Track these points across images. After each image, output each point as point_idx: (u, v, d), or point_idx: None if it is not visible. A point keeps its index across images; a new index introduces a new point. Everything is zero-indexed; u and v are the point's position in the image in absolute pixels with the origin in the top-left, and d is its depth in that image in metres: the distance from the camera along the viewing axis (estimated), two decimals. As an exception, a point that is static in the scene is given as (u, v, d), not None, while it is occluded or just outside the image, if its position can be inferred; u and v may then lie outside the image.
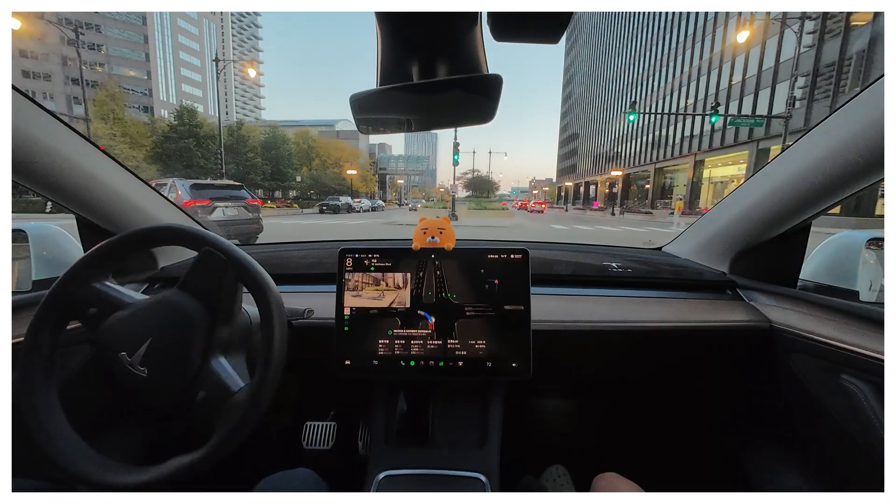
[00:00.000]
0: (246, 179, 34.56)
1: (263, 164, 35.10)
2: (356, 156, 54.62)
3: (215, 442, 0.54)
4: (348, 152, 52.10)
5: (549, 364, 0.89)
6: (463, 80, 0.45)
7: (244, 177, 33.89)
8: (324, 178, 44.06)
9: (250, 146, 34.07)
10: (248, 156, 33.44)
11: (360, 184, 52.93)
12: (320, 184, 43.83)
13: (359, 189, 52.05)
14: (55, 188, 0.78)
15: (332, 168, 47.47)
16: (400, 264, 0.78)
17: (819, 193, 0.78)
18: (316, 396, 1.27)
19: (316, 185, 44.06)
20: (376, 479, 0.76)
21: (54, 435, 0.56)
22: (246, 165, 33.41)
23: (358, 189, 51.26)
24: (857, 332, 0.72)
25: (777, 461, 0.92)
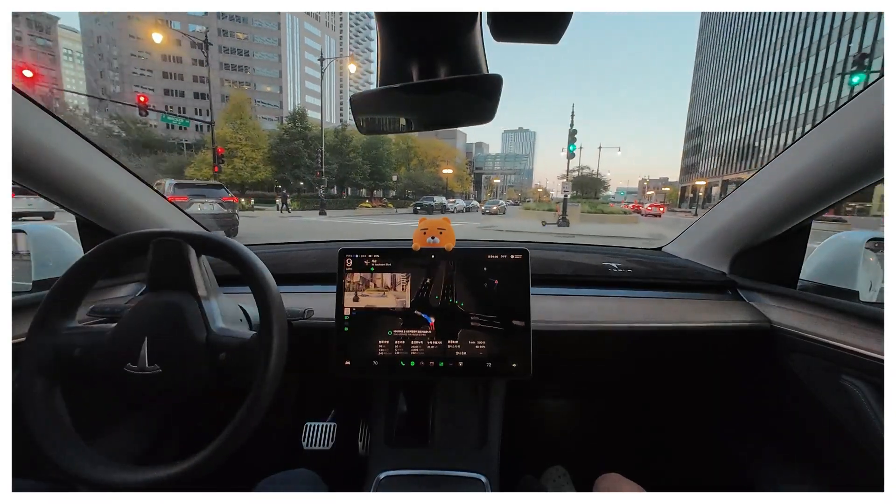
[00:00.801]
0: (347, 179, 35.68)
1: (364, 163, 35.83)
2: (453, 155, 53.69)
3: (217, 442, 0.55)
4: (445, 151, 51.37)
5: (550, 364, 0.88)
6: (463, 80, 0.45)
7: (346, 176, 34.98)
8: (421, 177, 43.77)
9: (352, 146, 34.97)
10: (349, 156, 34.35)
11: (455, 183, 51.73)
12: (417, 183, 43.62)
13: (454, 189, 50.83)
14: (55, 188, 0.78)
15: (429, 167, 47.14)
16: (400, 265, 0.78)
17: (819, 194, 0.78)
18: (316, 396, 1.26)
19: (413, 184, 44.01)
20: (376, 479, 0.77)
21: (55, 436, 0.56)
22: (347, 165, 34.39)
23: (453, 189, 50.05)
24: (858, 333, 0.72)
25: (777, 461, 0.93)
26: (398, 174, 40.89)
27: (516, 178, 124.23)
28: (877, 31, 26.79)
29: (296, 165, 31.42)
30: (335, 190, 39.08)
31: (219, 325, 0.63)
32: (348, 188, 40.01)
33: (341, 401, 1.25)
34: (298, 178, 32.39)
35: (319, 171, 20.97)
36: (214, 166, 19.17)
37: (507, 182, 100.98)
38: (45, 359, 0.59)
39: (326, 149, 30.19)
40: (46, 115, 0.73)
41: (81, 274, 0.63)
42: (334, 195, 37.37)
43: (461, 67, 0.44)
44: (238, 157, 30.09)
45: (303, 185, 33.29)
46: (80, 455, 0.55)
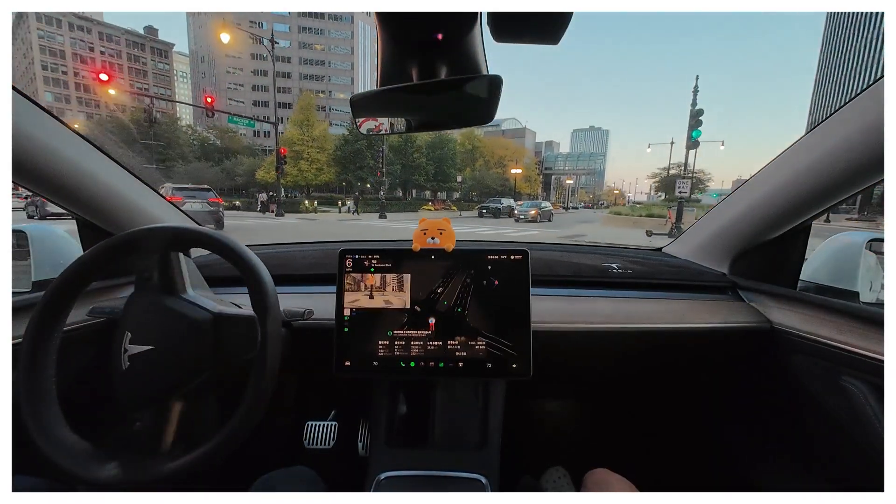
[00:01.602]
0: (410, 181, 34.44)
1: (428, 164, 34.31)
2: (521, 154, 50.26)
3: (215, 442, 0.55)
4: (513, 150, 48.24)
5: (550, 365, 0.87)
6: (463, 80, 0.45)
7: (409, 178, 33.73)
8: (486, 178, 41.15)
9: (416, 146, 33.65)
10: (413, 156, 33.05)
11: (523, 184, 48.17)
12: (482, 185, 41.03)
13: (522, 190, 47.31)
14: (55, 188, 0.78)
15: (495, 168, 44.41)
16: (400, 265, 0.77)
17: (819, 194, 0.77)
18: (316, 397, 1.27)
19: (478, 185, 41.53)
20: (376, 479, 0.77)
21: (55, 434, 0.56)
22: (411, 166, 33.14)
23: (521, 190, 46.56)
24: (858, 333, 0.71)
25: (777, 461, 0.93)
26: (463, 175, 38.73)
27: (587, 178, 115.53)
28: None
29: (359, 167, 30.94)
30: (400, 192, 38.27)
31: (218, 307, 0.65)
32: (412, 190, 38.87)
33: (342, 401, 1.23)
34: (362, 179, 31.92)
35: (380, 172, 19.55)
36: (277, 168, 18.70)
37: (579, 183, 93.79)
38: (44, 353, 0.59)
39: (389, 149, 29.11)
40: (46, 115, 0.73)
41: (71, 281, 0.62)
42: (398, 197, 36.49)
43: (461, 67, 0.44)
44: (304, 158, 30.41)
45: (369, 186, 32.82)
46: (79, 453, 0.55)
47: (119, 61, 75.92)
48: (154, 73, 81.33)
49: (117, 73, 73.30)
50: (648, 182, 35.26)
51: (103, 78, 12.72)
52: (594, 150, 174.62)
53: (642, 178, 57.62)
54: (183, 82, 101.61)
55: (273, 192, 26.64)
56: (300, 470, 0.75)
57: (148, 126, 32.91)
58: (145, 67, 79.72)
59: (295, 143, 29.86)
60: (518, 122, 77.30)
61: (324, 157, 31.12)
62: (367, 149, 30.55)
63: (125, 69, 76.00)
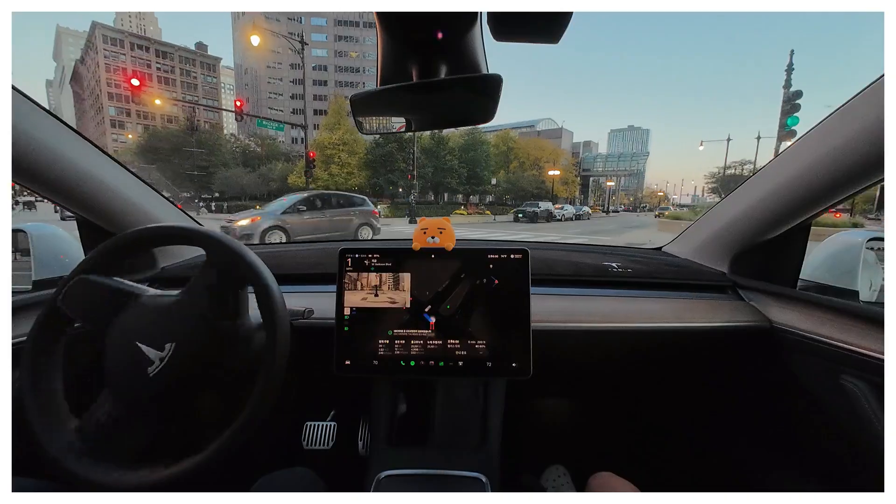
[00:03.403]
0: (442, 184, 33.35)
1: (460, 166, 33.04)
2: (558, 155, 47.77)
3: (219, 443, 0.55)
4: (549, 152, 45.93)
5: (549, 364, 0.88)
6: (463, 79, 0.45)
7: (441, 181, 32.64)
8: (521, 181, 39.34)
9: (449, 148, 32.53)
10: (445, 159, 31.93)
11: (560, 187, 45.81)
12: (517, 187, 39.24)
13: (559, 193, 44.99)
14: (55, 188, 0.79)
15: (530, 170, 42.46)
16: (400, 264, 0.77)
17: (819, 194, 0.78)
18: (316, 396, 1.25)
19: (513, 188, 39.79)
20: (376, 478, 0.77)
21: (58, 436, 0.56)
22: (443, 168, 32.01)
23: (558, 193, 44.27)
24: (857, 332, 0.71)
25: (777, 461, 0.93)
26: (497, 178, 37.15)
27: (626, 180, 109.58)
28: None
29: (390, 170, 30.23)
30: (431, 196, 37.33)
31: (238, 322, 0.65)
32: (443, 194, 37.79)
33: (341, 400, 1.23)
34: (392, 183, 31.20)
35: (411, 174, 18.58)
36: (306, 171, 18.24)
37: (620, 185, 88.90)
38: (71, 446, 0.58)
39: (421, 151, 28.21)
40: (46, 115, 0.73)
41: (139, 242, 0.64)
42: (429, 201, 35.52)
43: (461, 67, 0.44)
44: (335, 162, 30.09)
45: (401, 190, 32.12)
46: (83, 455, 0.56)
47: (172, 76, 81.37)
48: (203, 85, 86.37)
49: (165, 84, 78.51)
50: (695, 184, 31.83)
51: (135, 83, 12.74)
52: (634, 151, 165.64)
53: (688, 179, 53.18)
54: (230, 94, 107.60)
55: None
56: (300, 471, 0.75)
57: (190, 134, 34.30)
58: (195, 81, 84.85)
59: (326, 147, 29.70)
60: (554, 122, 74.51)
61: (354, 161, 30.71)
62: (398, 151, 29.80)
63: (178, 83, 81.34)
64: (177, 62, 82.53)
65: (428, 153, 31.38)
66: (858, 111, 0.67)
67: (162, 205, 1.00)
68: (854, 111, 0.67)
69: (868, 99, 0.65)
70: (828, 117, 0.73)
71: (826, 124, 0.73)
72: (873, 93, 0.63)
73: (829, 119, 0.73)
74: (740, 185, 0.98)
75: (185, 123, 25.37)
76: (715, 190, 42.66)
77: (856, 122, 0.66)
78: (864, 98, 0.65)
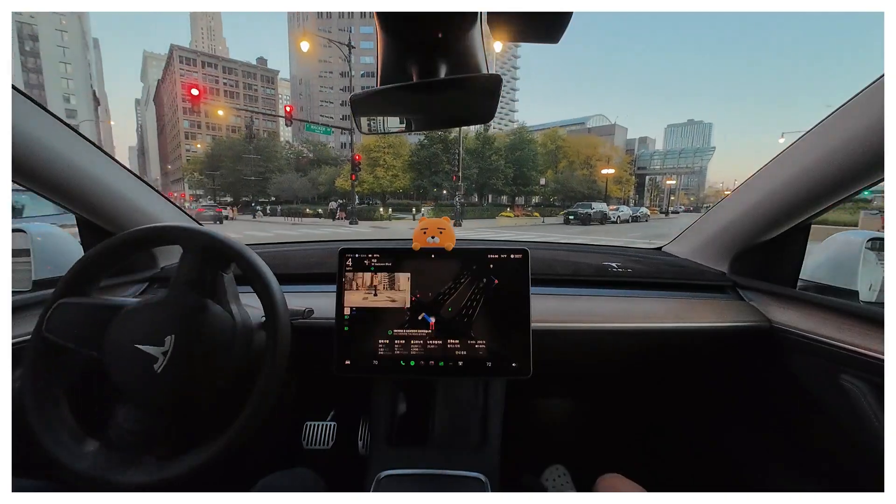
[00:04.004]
0: (487, 185, 32.37)
1: (506, 166, 31.83)
2: (611, 153, 44.81)
3: (219, 443, 0.56)
4: (601, 149, 43.19)
5: (549, 364, 0.87)
6: (463, 79, 0.45)
7: (486, 182, 31.66)
8: (571, 180, 37.22)
9: (494, 148, 31.48)
10: (491, 159, 30.91)
11: (614, 187, 42.77)
12: (567, 187, 37.14)
13: (613, 193, 42.06)
14: (55, 188, 0.79)
15: (580, 169, 40.12)
16: (400, 264, 0.77)
17: (819, 194, 0.77)
18: (316, 396, 1.26)
19: (562, 189, 37.75)
20: (376, 478, 0.78)
21: (59, 435, 0.56)
22: (489, 169, 30.99)
23: (611, 193, 41.39)
24: (857, 332, 0.71)
25: (777, 461, 0.93)
26: (545, 178, 35.41)
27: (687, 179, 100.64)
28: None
29: (434, 172, 29.85)
30: (475, 197, 36.49)
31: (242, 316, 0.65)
32: (488, 195, 36.77)
33: (341, 400, 1.23)
34: (437, 185, 30.79)
35: (456, 175, 17.93)
36: (352, 174, 18.30)
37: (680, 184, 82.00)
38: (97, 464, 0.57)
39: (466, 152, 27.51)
40: (46, 115, 0.73)
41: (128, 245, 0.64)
42: (473, 203, 34.70)
43: (461, 67, 0.44)
44: (380, 165, 30.26)
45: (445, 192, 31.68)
46: (84, 455, 0.56)
47: (236, 90, 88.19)
48: (263, 97, 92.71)
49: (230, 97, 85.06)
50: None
51: (194, 93, 13.38)
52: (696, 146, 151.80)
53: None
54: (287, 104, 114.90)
55: (343, 200, 26.93)
56: (300, 471, 0.75)
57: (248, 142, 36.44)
58: (256, 93, 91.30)
59: (372, 150, 30.01)
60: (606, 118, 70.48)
61: (399, 163, 30.74)
62: (443, 152, 29.35)
63: (241, 96, 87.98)
64: (240, 77, 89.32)
65: (473, 154, 30.56)
66: (858, 111, 0.66)
67: (162, 204, 0.99)
68: (854, 111, 0.67)
69: (868, 99, 0.65)
70: (828, 117, 0.73)
71: (826, 124, 0.73)
72: (873, 93, 0.63)
73: (829, 119, 0.72)
74: (740, 185, 0.97)
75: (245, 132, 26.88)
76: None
77: (856, 122, 0.66)
78: (864, 98, 0.65)
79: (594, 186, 38.72)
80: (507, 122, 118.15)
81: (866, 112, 0.65)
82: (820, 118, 0.76)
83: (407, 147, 31.46)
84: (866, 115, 0.64)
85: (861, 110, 0.66)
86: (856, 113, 0.67)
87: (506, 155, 32.29)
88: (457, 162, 20.53)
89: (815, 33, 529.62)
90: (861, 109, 0.66)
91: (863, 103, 0.66)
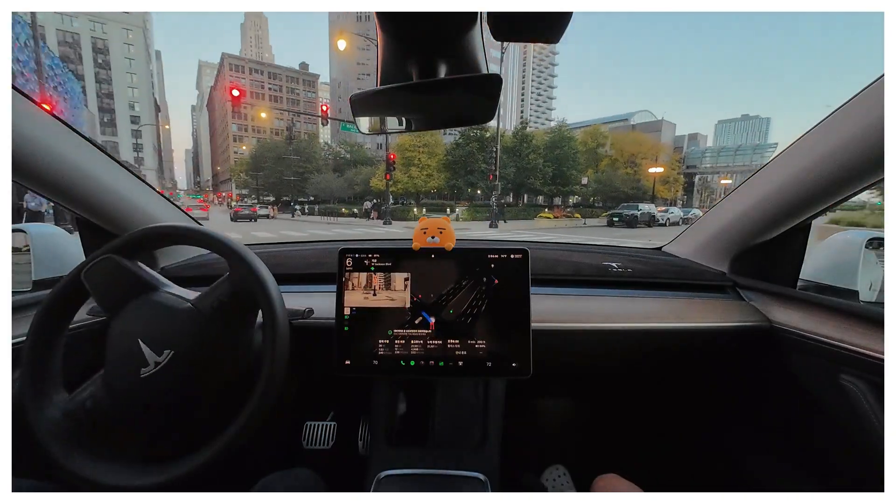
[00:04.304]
0: (525, 185, 31.20)
1: (546, 165, 30.46)
2: (657, 150, 41.90)
3: (218, 444, 0.56)
4: (648, 147, 40.47)
5: (549, 364, 0.87)
6: (463, 79, 0.45)
7: (523, 181, 30.48)
8: (613, 180, 35.16)
9: (533, 146, 30.25)
10: (528, 157, 29.72)
11: (660, 187, 40.00)
12: (610, 187, 35.15)
13: (659, 193, 39.34)
14: (55, 188, 0.79)
15: (623, 168, 37.86)
16: (400, 264, 0.77)
17: (819, 193, 0.78)
18: (316, 396, 1.26)
19: (603, 188, 35.77)
20: (376, 478, 0.78)
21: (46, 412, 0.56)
22: (526, 168, 29.81)
23: (658, 193, 38.70)
24: (857, 332, 0.71)
25: (777, 461, 0.93)
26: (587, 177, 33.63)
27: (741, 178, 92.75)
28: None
29: (469, 171, 29.03)
30: (510, 197, 35.39)
31: (191, 294, 0.64)
32: (524, 195, 35.51)
33: (341, 400, 1.23)
34: (472, 184, 30.03)
35: (492, 174, 17.15)
36: (386, 174, 18.06)
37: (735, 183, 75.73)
38: (56, 426, 0.58)
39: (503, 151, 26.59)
40: (46, 115, 0.73)
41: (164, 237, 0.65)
42: (509, 203, 33.65)
43: (461, 67, 0.44)
44: (415, 165, 29.94)
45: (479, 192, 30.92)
46: (85, 456, 0.56)
47: (280, 94, 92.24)
48: (304, 101, 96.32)
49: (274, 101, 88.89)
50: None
51: (235, 93, 13.63)
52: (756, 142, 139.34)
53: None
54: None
55: (378, 200, 26.85)
56: (301, 472, 0.75)
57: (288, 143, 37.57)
58: (298, 97, 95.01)
59: (407, 150, 29.80)
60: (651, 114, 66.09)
61: (434, 163, 30.28)
62: (478, 151, 28.54)
63: (284, 100, 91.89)
64: (284, 82, 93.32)
65: (510, 152, 29.49)
66: (858, 111, 0.67)
67: (162, 205, 0.99)
68: (854, 111, 0.67)
69: (868, 99, 0.65)
70: (828, 117, 0.73)
71: (826, 124, 0.73)
72: (873, 93, 0.63)
73: (829, 119, 0.72)
74: (740, 185, 0.97)
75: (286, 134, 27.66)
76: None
77: (856, 122, 0.66)
78: (864, 98, 0.65)
79: (639, 186, 36.33)
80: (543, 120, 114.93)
81: (866, 112, 0.65)
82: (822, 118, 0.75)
83: (442, 146, 30.96)
84: (866, 115, 0.64)
85: (861, 110, 0.66)
86: (856, 113, 0.67)
87: (545, 153, 30.94)
88: (493, 161, 19.73)
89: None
90: (861, 109, 0.66)
91: (863, 103, 0.66)
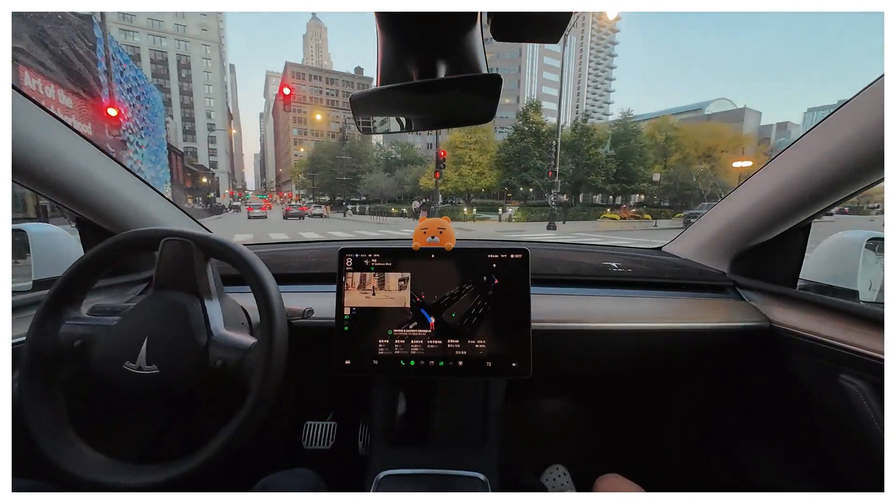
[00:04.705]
0: (584, 182, 28.75)
1: (609, 161, 27.82)
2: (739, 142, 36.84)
3: (217, 444, 0.56)
4: (728, 139, 35.62)
5: (549, 364, 0.88)
6: (463, 79, 0.45)
7: (583, 178, 28.08)
8: (686, 176, 31.33)
9: (594, 140, 27.73)
10: (590, 153, 27.26)
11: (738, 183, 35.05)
12: (681, 184, 31.40)
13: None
14: (55, 188, 0.79)
15: (697, 163, 33.66)
16: (400, 264, 0.77)
17: (819, 193, 0.78)
18: (316, 396, 1.26)
19: (673, 186, 32.05)
20: (376, 478, 0.78)
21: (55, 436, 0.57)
22: (587, 164, 27.40)
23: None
24: (857, 332, 0.72)
25: (777, 461, 0.94)
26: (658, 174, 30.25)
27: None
28: None
29: (524, 168, 27.27)
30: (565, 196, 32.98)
31: (220, 331, 0.62)
32: (581, 194, 32.88)
33: (341, 400, 1.23)
34: (526, 182, 28.22)
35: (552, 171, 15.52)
36: (436, 171, 17.13)
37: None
38: (46, 349, 0.59)
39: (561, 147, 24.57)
40: (46, 115, 0.73)
41: (87, 268, 0.63)
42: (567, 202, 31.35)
43: (461, 67, 0.45)
44: (465, 163, 28.82)
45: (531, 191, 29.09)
46: (80, 456, 0.56)
47: (336, 98, 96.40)
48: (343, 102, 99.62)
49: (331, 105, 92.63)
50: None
51: (286, 92, 13.48)
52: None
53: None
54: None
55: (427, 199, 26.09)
56: (301, 472, 0.75)
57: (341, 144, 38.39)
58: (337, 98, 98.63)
59: (457, 147, 28.82)
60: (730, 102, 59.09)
61: (485, 160, 28.97)
62: (534, 147, 26.71)
63: (340, 104, 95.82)
64: (340, 86, 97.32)
65: (568, 147, 27.24)
66: (858, 111, 0.67)
67: (161, 204, 0.98)
68: (854, 111, 0.67)
69: (868, 99, 0.65)
70: (828, 117, 0.73)
71: (826, 124, 0.73)
72: (873, 93, 0.63)
73: (829, 119, 0.72)
74: (740, 185, 0.97)
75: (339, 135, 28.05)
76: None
77: (856, 122, 0.66)
78: (864, 98, 0.65)
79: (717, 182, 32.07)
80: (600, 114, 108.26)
81: (866, 112, 0.65)
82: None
83: (494, 143, 29.55)
84: (866, 115, 0.64)
85: (861, 110, 0.66)
86: (855, 113, 0.67)
87: (610, 147, 28.25)
88: (550, 157, 18.00)
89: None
90: (861, 109, 0.66)
91: (862, 103, 0.66)
